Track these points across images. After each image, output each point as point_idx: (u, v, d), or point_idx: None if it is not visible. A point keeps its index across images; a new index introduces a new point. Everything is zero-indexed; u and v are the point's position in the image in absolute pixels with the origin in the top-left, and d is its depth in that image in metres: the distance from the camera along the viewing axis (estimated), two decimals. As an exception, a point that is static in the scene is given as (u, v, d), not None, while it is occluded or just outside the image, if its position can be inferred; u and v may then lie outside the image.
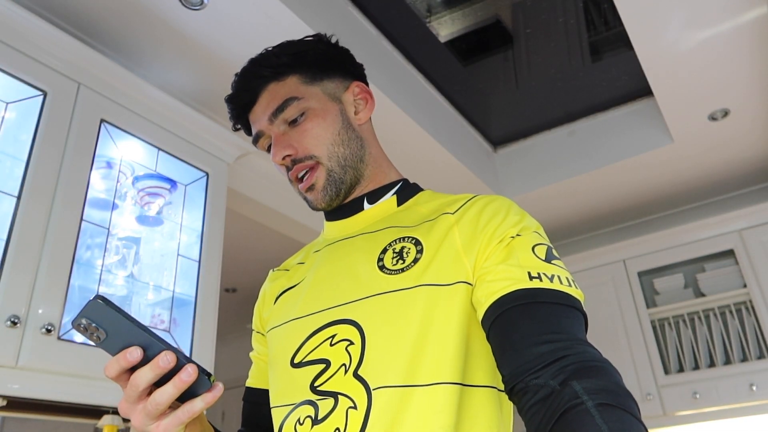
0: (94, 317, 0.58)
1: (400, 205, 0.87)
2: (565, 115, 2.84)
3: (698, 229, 2.91)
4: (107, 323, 0.58)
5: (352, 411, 0.68)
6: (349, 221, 0.87)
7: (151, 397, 0.60)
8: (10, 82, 1.49)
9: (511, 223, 0.76)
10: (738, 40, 2.04)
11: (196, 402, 0.61)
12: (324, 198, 0.84)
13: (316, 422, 0.70)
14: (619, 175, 2.84)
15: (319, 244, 0.91)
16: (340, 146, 0.84)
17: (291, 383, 0.76)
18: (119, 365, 0.59)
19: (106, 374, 0.61)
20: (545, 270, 0.69)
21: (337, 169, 0.83)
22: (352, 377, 0.70)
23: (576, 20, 2.36)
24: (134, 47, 1.89)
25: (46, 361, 1.35)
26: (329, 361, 0.73)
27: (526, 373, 0.61)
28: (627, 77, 2.57)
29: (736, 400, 2.59)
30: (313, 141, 0.83)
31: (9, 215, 1.40)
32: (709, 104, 2.37)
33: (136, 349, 0.59)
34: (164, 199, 1.83)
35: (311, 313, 0.79)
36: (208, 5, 1.73)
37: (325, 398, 0.71)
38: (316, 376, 0.73)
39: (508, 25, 2.42)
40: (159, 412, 0.60)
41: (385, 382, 0.68)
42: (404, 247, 0.77)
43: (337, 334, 0.74)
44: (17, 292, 1.35)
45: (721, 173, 2.93)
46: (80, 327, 0.59)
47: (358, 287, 0.77)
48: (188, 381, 0.58)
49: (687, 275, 2.99)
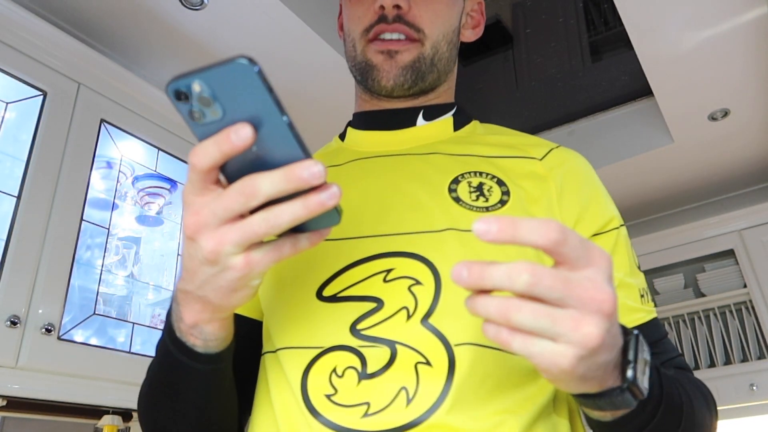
0: (218, 84, 0.38)
1: (456, 130, 0.75)
2: (565, 115, 2.84)
3: (698, 229, 2.91)
4: (234, 99, 0.39)
5: (424, 368, 0.54)
6: (396, 134, 0.72)
7: (271, 212, 0.40)
8: (10, 82, 1.49)
9: (610, 203, 0.67)
10: (738, 40, 2.04)
11: (302, 239, 0.44)
12: (399, 76, 0.69)
13: (366, 376, 0.54)
14: (619, 175, 2.84)
15: (340, 155, 0.74)
16: (445, 43, 0.72)
17: (318, 320, 0.59)
18: (219, 149, 0.39)
19: (193, 161, 0.40)
20: (643, 284, 0.64)
21: (429, 60, 0.70)
22: (419, 325, 0.56)
23: (576, 20, 2.36)
24: (134, 47, 1.89)
25: (46, 361, 1.35)
26: (382, 301, 0.57)
27: None
28: (627, 77, 2.57)
29: (736, 400, 2.59)
30: (433, 18, 0.70)
31: (9, 215, 1.40)
32: (709, 104, 2.37)
33: (245, 126, 0.39)
34: (164, 199, 1.83)
35: (353, 237, 0.62)
36: (208, 5, 1.73)
37: (376, 346, 0.55)
38: (361, 317, 0.57)
39: (508, 25, 2.42)
40: (264, 237, 0.42)
41: (469, 338, 0.55)
42: (483, 183, 0.64)
43: (396, 269, 0.59)
44: (17, 292, 1.34)
45: (721, 173, 2.93)
46: (182, 93, 0.39)
47: (425, 216, 0.62)
48: (329, 206, 0.40)
49: (687, 275, 2.99)
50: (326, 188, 0.40)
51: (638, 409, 0.47)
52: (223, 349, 0.54)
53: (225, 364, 0.55)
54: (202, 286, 0.46)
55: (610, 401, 0.44)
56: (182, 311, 0.50)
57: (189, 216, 0.42)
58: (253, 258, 0.42)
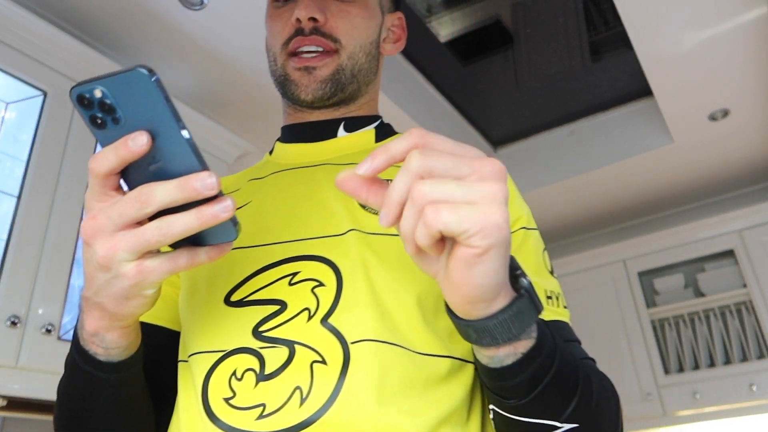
0: (119, 92, 0.40)
1: (378, 142, 0.76)
2: (565, 115, 2.84)
3: (698, 229, 2.91)
4: (134, 108, 0.40)
5: (319, 366, 0.54)
6: (317, 146, 0.74)
7: (164, 221, 0.42)
8: (10, 82, 1.49)
9: (521, 206, 0.67)
10: (738, 40, 2.04)
11: (200, 252, 0.45)
12: (318, 90, 0.70)
13: (264, 378, 0.54)
14: (619, 175, 2.84)
15: (264, 168, 0.76)
16: (363, 54, 0.73)
17: (223, 324, 0.59)
18: (117, 155, 0.41)
19: (92, 166, 0.42)
20: (554, 288, 0.63)
21: (348, 71, 0.71)
22: (318, 325, 0.56)
23: (576, 20, 2.36)
24: (134, 47, 1.89)
25: (46, 361, 1.35)
26: (285, 303, 0.58)
27: None
28: (627, 77, 2.57)
29: (736, 400, 2.59)
30: (349, 29, 0.71)
31: (9, 215, 1.40)
32: (709, 104, 2.37)
33: (142, 134, 0.40)
34: (164, 199, 1.83)
35: (262, 244, 0.63)
36: (208, 5, 1.73)
37: (275, 347, 0.55)
38: (264, 320, 0.57)
39: (508, 25, 2.42)
40: (156, 246, 0.43)
41: (366, 335, 0.55)
42: None
43: (301, 272, 0.59)
44: (17, 292, 1.35)
45: (721, 173, 2.93)
46: (85, 98, 0.40)
47: (332, 221, 0.63)
48: (222, 218, 0.42)
49: (687, 275, 2.99)
50: (221, 201, 0.41)
51: (536, 349, 0.47)
52: (125, 358, 0.54)
53: (129, 373, 0.55)
54: (98, 292, 0.46)
55: (517, 314, 0.43)
56: (84, 318, 0.51)
57: (87, 220, 0.43)
58: (146, 266, 0.43)
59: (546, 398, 0.49)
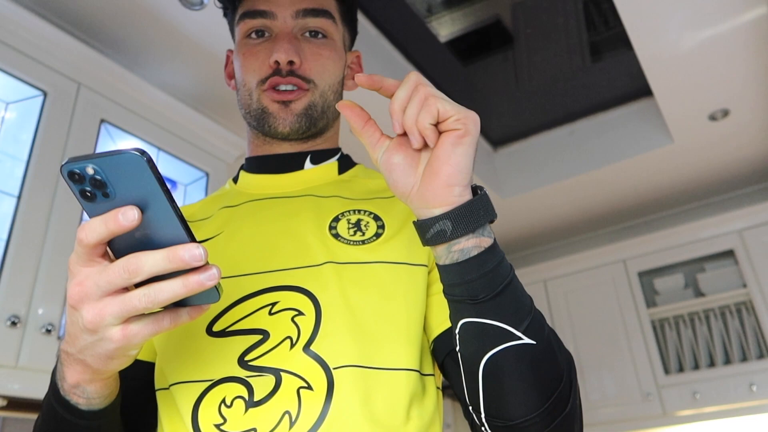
0: (110, 170, 0.41)
1: (341, 174, 0.81)
2: (565, 115, 2.84)
3: (698, 229, 2.91)
4: (124, 184, 0.42)
5: (306, 392, 0.58)
6: (285, 177, 0.78)
7: (151, 288, 0.44)
8: (10, 82, 1.49)
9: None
10: (738, 40, 2.04)
11: (182, 313, 0.47)
12: (294, 123, 0.75)
13: (253, 404, 0.58)
14: (619, 175, 2.84)
15: (236, 197, 0.79)
16: (332, 93, 0.79)
17: (207, 354, 0.62)
18: (106, 228, 0.42)
19: (80, 237, 0.44)
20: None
21: (319, 108, 0.77)
22: (301, 352, 0.60)
23: (576, 20, 2.36)
24: (134, 47, 1.89)
25: (46, 361, 1.35)
26: (267, 333, 0.61)
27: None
28: (627, 77, 2.57)
29: (736, 400, 2.59)
30: (322, 70, 0.77)
31: (9, 215, 1.40)
32: (709, 104, 2.37)
33: (132, 209, 0.42)
34: (164, 199, 1.83)
35: (241, 274, 0.66)
36: (208, 5, 1.73)
37: (262, 375, 0.59)
38: (248, 349, 0.61)
39: (508, 25, 2.42)
40: (143, 311, 0.45)
41: (347, 361, 0.59)
42: (361, 219, 0.71)
43: (280, 302, 0.63)
44: (17, 292, 1.35)
45: (721, 173, 2.93)
46: (76, 174, 0.42)
47: (308, 252, 0.67)
48: (207, 286, 0.44)
49: (687, 275, 2.99)
50: (206, 269, 0.44)
51: (496, 246, 0.53)
52: (106, 405, 0.56)
53: (109, 418, 0.57)
54: (82, 351, 0.48)
55: (485, 202, 0.52)
56: (65, 371, 0.53)
57: (73, 286, 0.45)
58: (131, 330, 0.45)
59: (509, 299, 0.53)
